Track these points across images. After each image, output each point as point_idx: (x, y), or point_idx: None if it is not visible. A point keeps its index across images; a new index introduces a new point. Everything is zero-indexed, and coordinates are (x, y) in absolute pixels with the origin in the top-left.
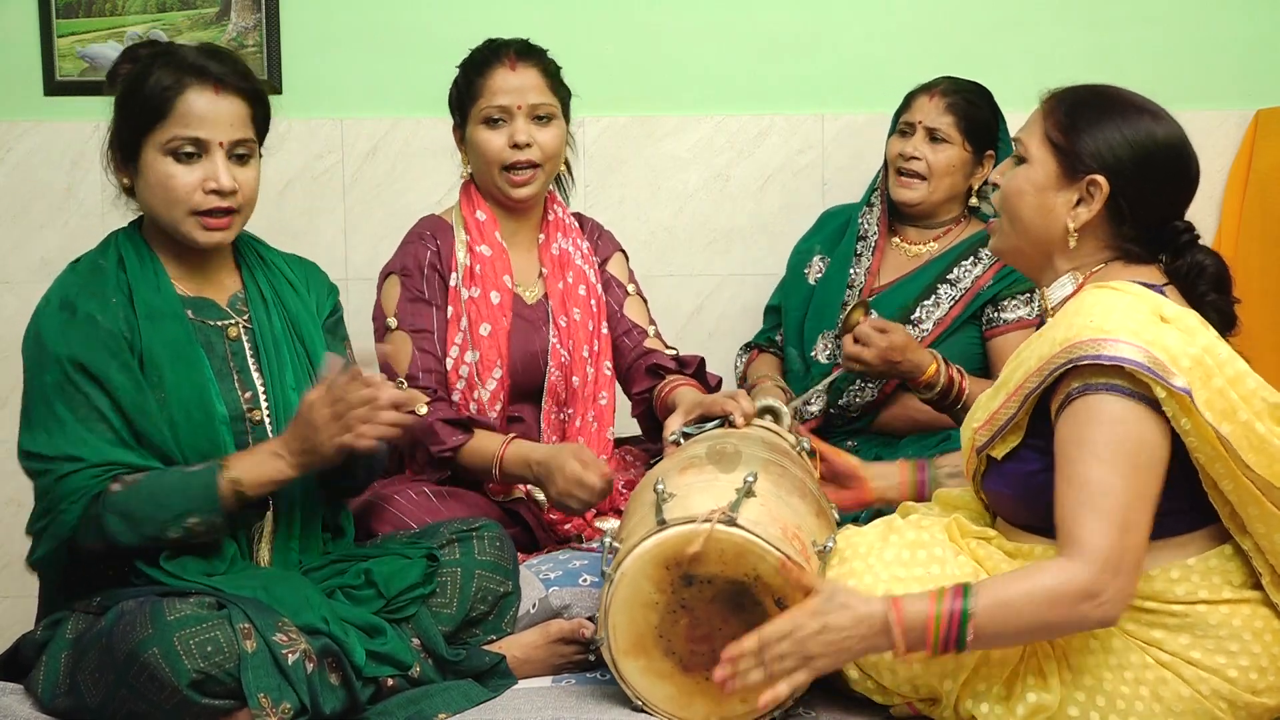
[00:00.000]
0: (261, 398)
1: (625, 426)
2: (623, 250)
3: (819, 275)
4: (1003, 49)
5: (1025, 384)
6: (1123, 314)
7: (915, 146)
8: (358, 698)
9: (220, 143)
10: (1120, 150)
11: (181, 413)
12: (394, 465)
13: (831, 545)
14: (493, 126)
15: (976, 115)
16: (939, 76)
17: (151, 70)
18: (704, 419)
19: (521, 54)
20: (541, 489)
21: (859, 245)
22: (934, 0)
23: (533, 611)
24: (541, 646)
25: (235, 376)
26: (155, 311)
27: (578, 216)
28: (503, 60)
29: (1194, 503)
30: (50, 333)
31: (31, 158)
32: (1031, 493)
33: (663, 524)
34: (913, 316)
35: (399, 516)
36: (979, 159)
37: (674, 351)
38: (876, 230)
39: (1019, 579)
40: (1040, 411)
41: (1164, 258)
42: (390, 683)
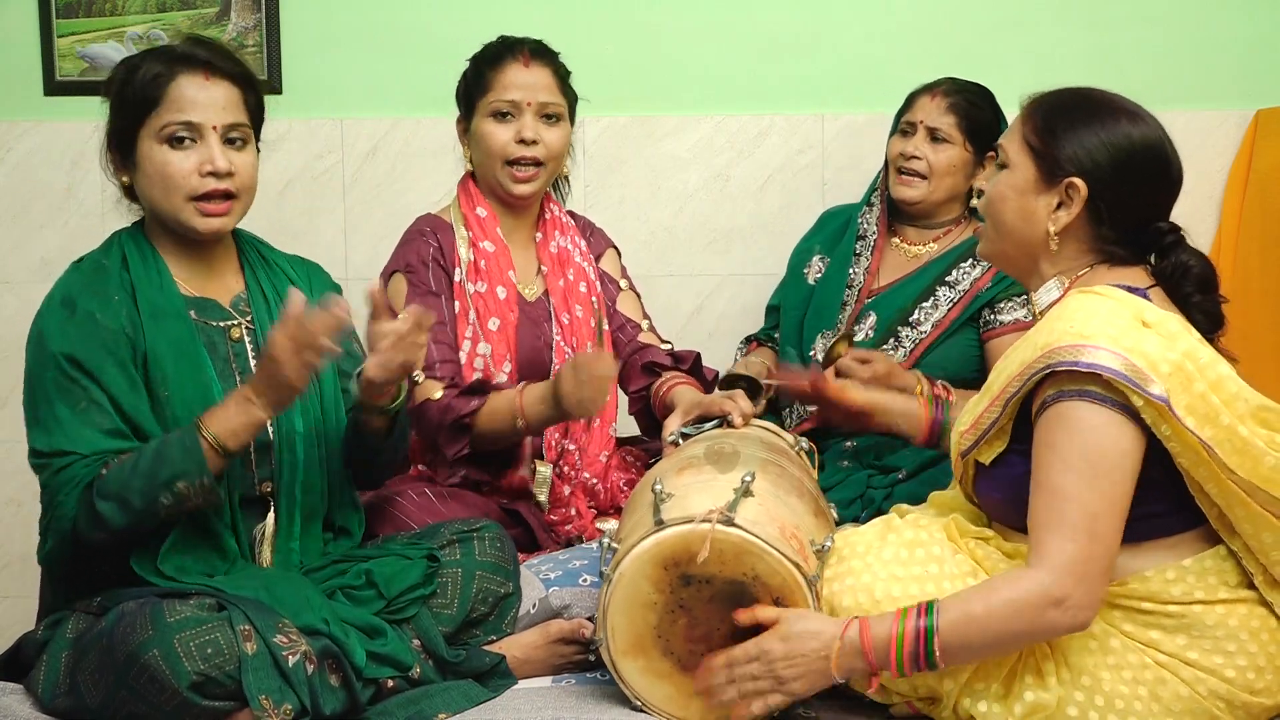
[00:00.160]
0: None
1: (626, 426)
2: (615, 246)
3: (818, 275)
4: (1003, 49)
5: (1007, 388)
6: (1103, 320)
7: (916, 146)
8: (358, 698)
9: (214, 126)
10: (1097, 153)
11: (184, 411)
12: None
13: (829, 544)
14: (500, 120)
15: (978, 116)
16: (941, 77)
17: (142, 64)
18: (702, 419)
19: (536, 53)
20: (562, 411)
21: (858, 245)
22: (934, 0)
23: (533, 611)
24: (541, 647)
25: (237, 377)
26: (159, 310)
27: (569, 214)
28: (517, 56)
29: (1185, 504)
30: (50, 330)
31: (31, 158)
32: (1021, 495)
33: (660, 524)
34: (911, 318)
35: (400, 517)
36: (980, 160)
37: (669, 346)
38: (876, 230)
39: (981, 591)
40: (1024, 415)
41: (1151, 259)
42: (390, 683)
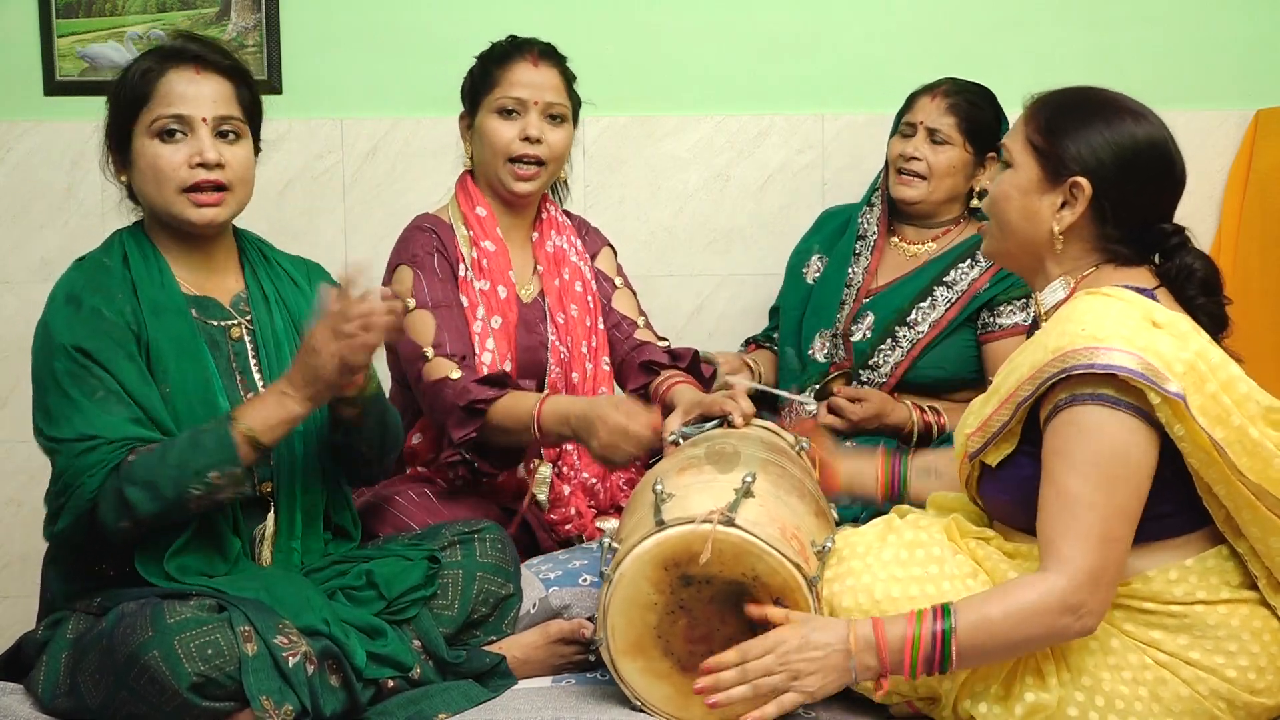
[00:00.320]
0: None
1: None
2: (610, 245)
3: (817, 274)
4: (1003, 49)
5: (1018, 391)
6: (1115, 320)
7: (916, 147)
8: (358, 699)
9: (204, 118)
10: (1101, 152)
11: (185, 407)
12: (397, 466)
13: (830, 545)
14: (506, 117)
15: (978, 117)
16: (941, 77)
17: (136, 63)
18: (703, 419)
19: (545, 54)
20: (583, 443)
21: (858, 245)
22: (934, 0)
23: (533, 611)
24: (541, 647)
25: (238, 376)
26: (160, 307)
27: (566, 213)
28: (525, 56)
29: (1191, 504)
30: (57, 325)
31: (31, 158)
32: (1029, 497)
33: (661, 524)
34: (908, 318)
35: (400, 517)
36: (980, 161)
37: (666, 343)
38: (876, 230)
39: (998, 596)
40: (1034, 418)
41: (1155, 260)
42: (390, 684)
